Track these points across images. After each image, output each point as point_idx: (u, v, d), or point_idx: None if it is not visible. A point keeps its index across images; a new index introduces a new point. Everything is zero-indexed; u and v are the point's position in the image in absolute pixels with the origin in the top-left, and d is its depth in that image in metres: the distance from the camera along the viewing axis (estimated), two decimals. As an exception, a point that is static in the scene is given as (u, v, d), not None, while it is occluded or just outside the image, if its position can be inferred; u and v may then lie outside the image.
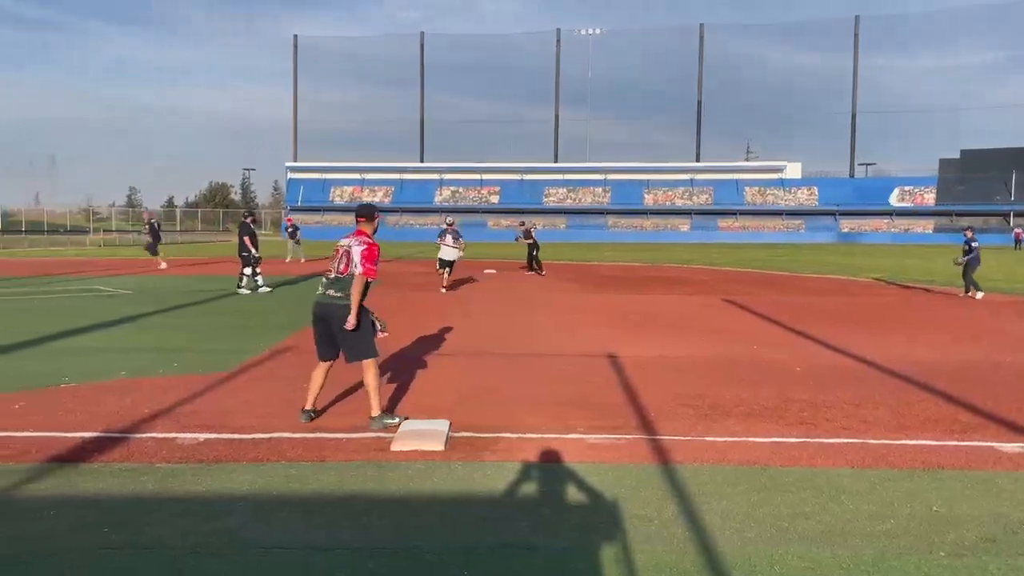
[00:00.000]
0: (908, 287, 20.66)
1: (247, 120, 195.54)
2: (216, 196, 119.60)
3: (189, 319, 12.96)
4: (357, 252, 6.17)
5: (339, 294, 6.12)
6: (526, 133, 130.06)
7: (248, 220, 18.46)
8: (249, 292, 17.39)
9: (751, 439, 5.96)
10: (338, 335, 6.15)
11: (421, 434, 5.73)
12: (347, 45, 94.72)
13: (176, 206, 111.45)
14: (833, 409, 6.92)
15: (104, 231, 66.22)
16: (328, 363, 6.35)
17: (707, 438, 5.97)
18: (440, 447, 5.56)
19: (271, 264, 26.01)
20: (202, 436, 5.82)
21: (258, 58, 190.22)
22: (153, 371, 8.32)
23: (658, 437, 5.97)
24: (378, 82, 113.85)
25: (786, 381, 8.09)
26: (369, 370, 6.17)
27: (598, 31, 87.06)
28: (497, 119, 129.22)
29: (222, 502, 4.53)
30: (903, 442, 5.93)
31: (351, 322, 6.02)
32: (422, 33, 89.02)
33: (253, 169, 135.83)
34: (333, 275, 6.19)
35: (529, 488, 4.85)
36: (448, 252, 18.67)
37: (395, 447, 5.56)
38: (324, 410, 6.64)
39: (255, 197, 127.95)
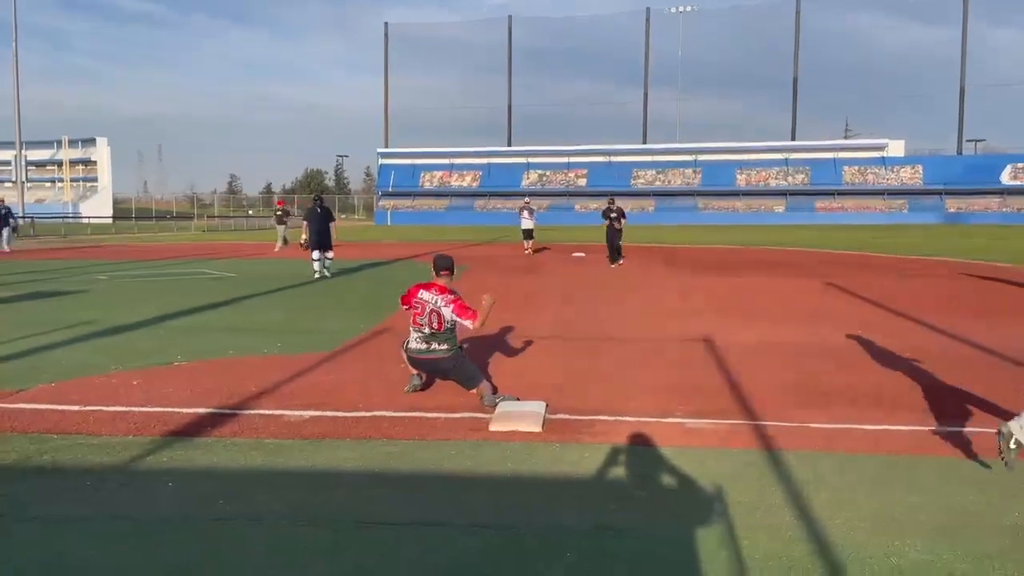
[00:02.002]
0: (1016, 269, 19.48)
1: (341, 109, 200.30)
2: (311, 182, 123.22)
3: (291, 301, 13.39)
4: (448, 312, 6.33)
5: (444, 346, 6.37)
6: (614, 115, 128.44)
7: (316, 204, 17.36)
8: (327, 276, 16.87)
9: (859, 426, 5.73)
10: (452, 376, 6.45)
11: (518, 415, 5.75)
12: (436, 31, 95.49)
13: (274, 192, 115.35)
14: (945, 395, 6.58)
15: (207, 217, 69.09)
16: None
17: (812, 424, 5.78)
18: (538, 428, 5.57)
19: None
20: (307, 413, 5.99)
21: (352, 48, 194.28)
22: (258, 350, 8.63)
23: (760, 423, 5.81)
24: (467, 67, 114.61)
25: (894, 367, 7.75)
26: (485, 389, 6.31)
27: (689, 8, 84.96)
28: (585, 101, 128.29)
29: (327, 476, 4.66)
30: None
31: (481, 318, 6.37)
32: (510, 17, 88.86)
33: (347, 156, 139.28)
34: (428, 331, 6.35)
35: (627, 471, 4.80)
36: (527, 223, 25.94)
37: (493, 427, 5.59)
38: (424, 388, 6.74)
39: (348, 183, 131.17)
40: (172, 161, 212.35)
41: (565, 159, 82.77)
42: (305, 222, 17.17)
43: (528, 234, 26.05)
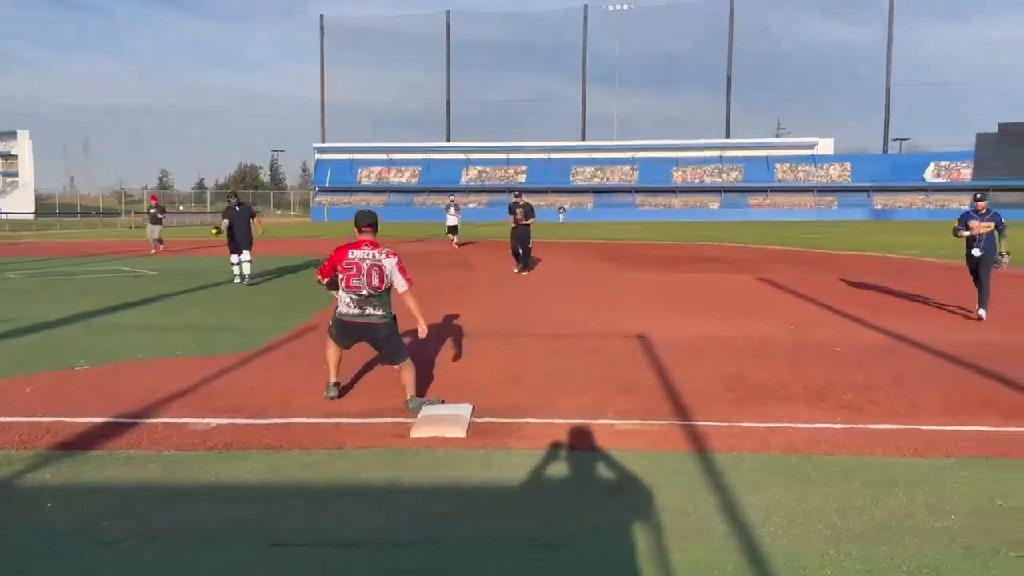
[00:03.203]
0: (949, 264, 19.99)
1: (277, 102, 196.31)
2: (245, 177, 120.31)
3: (213, 299, 12.80)
4: (391, 266, 5.97)
5: (380, 311, 5.98)
6: (553, 112, 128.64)
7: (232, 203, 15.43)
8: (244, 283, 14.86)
9: (793, 425, 5.61)
10: (380, 346, 6.09)
11: (442, 420, 5.45)
12: (373, 24, 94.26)
13: (206, 188, 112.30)
14: (878, 392, 6.53)
15: (135, 213, 66.73)
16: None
17: (746, 424, 5.62)
18: (462, 433, 5.28)
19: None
20: (214, 421, 5.58)
21: (287, 39, 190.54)
22: (171, 351, 8.13)
23: (694, 423, 5.63)
24: (404, 61, 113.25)
25: (827, 362, 7.69)
26: (408, 368, 6.00)
27: (626, 6, 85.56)
28: (524, 98, 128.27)
29: (230, 492, 4.28)
30: (957, 428, 5.53)
31: (425, 331, 6.08)
32: (448, 11, 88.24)
33: (282, 150, 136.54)
34: (366, 292, 5.90)
35: (556, 478, 4.55)
36: (452, 219, 28.56)
37: (415, 433, 5.28)
38: (346, 389, 6.38)
39: (284, 178, 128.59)
40: (100, 156, 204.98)
41: (505, 155, 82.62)
42: (225, 220, 15.21)
43: (453, 230, 28.36)
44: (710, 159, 79.62)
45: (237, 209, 15.08)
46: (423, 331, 6.07)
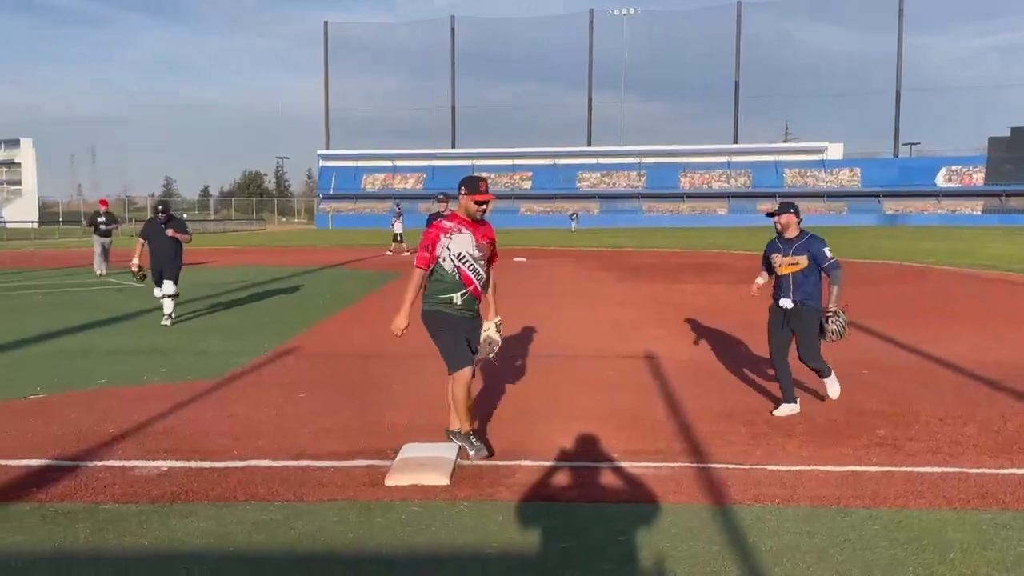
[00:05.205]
0: (966, 272, 19.22)
1: (282, 110, 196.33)
2: (250, 185, 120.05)
3: (195, 316, 12.14)
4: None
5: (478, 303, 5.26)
6: (559, 118, 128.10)
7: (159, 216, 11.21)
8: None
9: (822, 468, 4.91)
10: (474, 342, 5.21)
11: (422, 464, 4.77)
12: (378, 32, 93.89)
13: (211, 195, 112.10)
14: (915, 426, 5.83)
15: (137, 221, 66.34)
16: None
17: (768, 467, 4.93)
18: (444, 480, 4.60)
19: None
20: (165, 465, 4.91)
21: (292, 47, 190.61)
22: (137, 378, 7.48)
23: (708, 465, 4.94)
24: (409, 69, 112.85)
25: (853, 388, 6.99)
26: (452, 383, 5.01)
27: (633, 11, 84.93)
28: (529, 104, 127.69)
29: (160, 564, 3.60)
30: (1010, 471, 4.84)
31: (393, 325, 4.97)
32: (452, 17, 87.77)
33: (287, 158, 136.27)
34: (480, 280, 5.19)
35: (548, 542, 3.85)
36: (399, 227, 30.28)
37: (390, 481, 4.60)
38: (325, 422, 5.71)
39: (289, 185, 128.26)
40: (106, 164, 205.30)
41: (510, 161, 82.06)
42: (140, 240, 11.30)
43: (400, 236, 29.94)
44: (718, 164, 78.86)
45: (162, 225, 11.01)
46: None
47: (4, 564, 3.59)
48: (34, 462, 4.96)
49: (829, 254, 6.05)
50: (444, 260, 4.93)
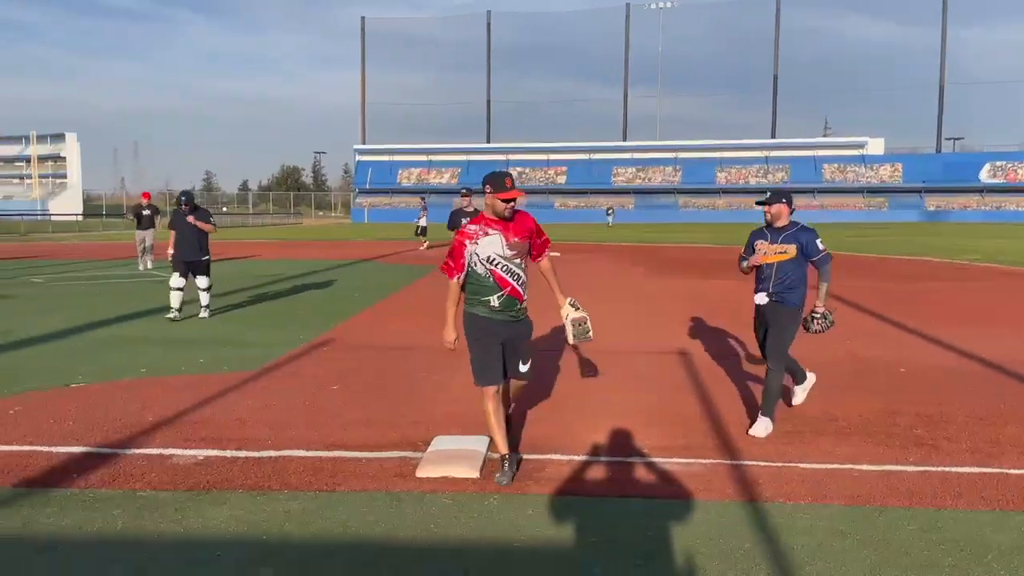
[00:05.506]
0: (1016, 271, 18.78)
1: (318, 104, 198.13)
2: (288, 179, 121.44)
3: (235, 307, 12.33)
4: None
5: (525, 304, 4.95)
6: (594, 112, 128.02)
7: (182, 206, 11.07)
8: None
9: (856, 466, 4.84)
10: (522, 349, 4.97)
11: (453, 456, 4.80)
12: (414, 27, 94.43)
13: (249, 189, 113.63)
14: (954, 424, 5.72)
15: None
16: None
17: (801, 464, 4.88)
18: (475, 473, 4.62)
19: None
20: (202, 453, 5.01)
21: (329, 43, 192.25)
22: (176, 368, 7.62)
23: (740, 462, 4.90)
24: (445, 64, 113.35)
25: (891, 387, 6.88)
26: (484, 398, 4.80)
27: (669, 4, 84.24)
28: (565, 98, 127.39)
29: (194, 551, 3.67)
30: (1053, 473, 4.72)
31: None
32: (488, 12, 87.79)
33: (324, 152, 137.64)
34: (517, 281, 4.84)
35: (579, 537, 3.86)
36: (424, 221, 28.90)
37: (421, 472, 4.64)
38: (357, 412, 5.77)
39: (326, 179, 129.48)
40: (149, 158, 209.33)
41: (545, 156, 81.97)
42: (172, 232, 11.08)
43: (423, 231, 28.62)
44: (755, 159, 77.96)
45: (186, 216, 10.92)
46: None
47: (45, 548, 3.69)
48: (75, 449, 5.08)
49: (821, 246, 5.68)
50: (476, 265, 4.69)
